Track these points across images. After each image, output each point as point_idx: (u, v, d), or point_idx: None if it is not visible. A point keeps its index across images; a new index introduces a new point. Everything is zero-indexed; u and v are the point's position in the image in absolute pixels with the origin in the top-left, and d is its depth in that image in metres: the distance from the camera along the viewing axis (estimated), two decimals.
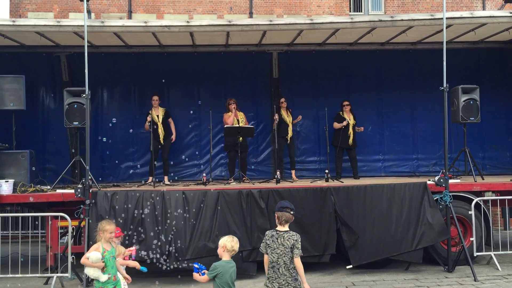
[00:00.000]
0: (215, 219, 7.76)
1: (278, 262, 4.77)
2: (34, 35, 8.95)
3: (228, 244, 4.84)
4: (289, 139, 10.13)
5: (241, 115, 9.95)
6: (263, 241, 4.94)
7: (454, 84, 9.22)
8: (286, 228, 4.92)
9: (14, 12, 17.65)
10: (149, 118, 9.54)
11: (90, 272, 5.22)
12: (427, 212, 7.98)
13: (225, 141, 10.07)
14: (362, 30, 9.27)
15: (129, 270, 5.77)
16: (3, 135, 9.25)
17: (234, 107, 9.83)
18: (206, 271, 4.76)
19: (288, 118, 10.13)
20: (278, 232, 4.88)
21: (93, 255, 5.21)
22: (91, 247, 5.41)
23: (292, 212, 4.96)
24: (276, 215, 4.96)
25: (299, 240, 4.87)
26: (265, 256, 4.91)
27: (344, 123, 10.05)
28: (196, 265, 4.87)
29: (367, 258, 7.84)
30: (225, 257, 4.84)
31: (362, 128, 10.31)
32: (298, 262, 4.77)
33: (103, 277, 5.17)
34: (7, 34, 8.92)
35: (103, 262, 5.18)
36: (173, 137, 10.01)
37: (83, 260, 5.25)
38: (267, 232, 4.97)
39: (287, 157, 10.41)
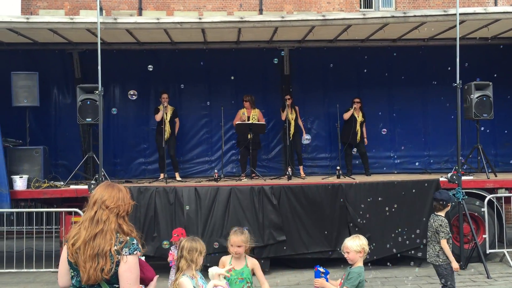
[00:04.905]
0: (227, 215, 7.80)
1: (429, 238, 5.80)
2: (47, 32, 9.01)
3: (366, 246, 4.23)
4: (291, 136, 10.00)
5: (254, 112, 9.91)
6: None
7: (467, 80, 9.16)
8: (440, 213, 5.79)
9: (26, 10, 17.78)
10: (160, 114, 9.57)
11: None
12: None
13: (237, 138, 10.10)
14: (374, 26, 9.22)
15: None
16: (17, 132, 9.34)
17: (246, 105, 9.86)
18: (328, 276, 4.14)
19: (291, 116, 10.06)
20: (433, 215, 5.87)
21: (210, 271, 4.02)
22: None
23: (448, 205, 5.83)
24: (434, 203, 5.90)
25: (444, 225, 5.66)
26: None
27: (349, 112, 9.98)
28: (321, 269, 4.13)
29: (377, 255, 7.83)
30: (361, 262, 4.24)
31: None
32: (443, 244, 5.60)
33: None
34: (20, 31, 8.98)
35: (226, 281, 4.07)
36: (176, 131, 9.89)
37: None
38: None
39: (294, 154, 10.39)
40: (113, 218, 2.82)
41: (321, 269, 4.12)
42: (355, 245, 4.22)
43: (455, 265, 5.62)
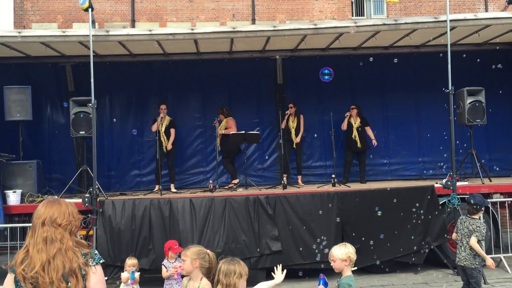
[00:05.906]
0: (223, 226, 7.77)
1: (462, 241, 5.79)
2: (40, 45, 9.00)
3: (353, 255, 4.13)
4: (295, 145, 10.13)
5: (224, 122, 9.95)
6: (456, 223, 6.10)
7: (459, 86, 9.20)
8: (475, 216, 5.82)
9: (18, 24, 17.77)
10: (155, 124, 9.56)
11: None
12: (432, 215, 7.99)
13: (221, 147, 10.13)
14: (366, 34, 9.26)
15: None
16: (11, 146, 9.31)
17: (222, 118, 9.98)
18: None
19: (292, 124, 10.11)
20: (467, 217, 5.87)
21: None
22: None
23: (482, 208, 5.93)
24: (467, 207, 5.94)
25: (482, 228, 5.71)
26: (454, 234, 6.05)
27: (345, 121, 10.08)
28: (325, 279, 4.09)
29: (370, 260, 7.81)
30: (348, 271, 4.13)
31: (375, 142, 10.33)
32: (473, 243, 5.63)
33: None
34: (13, 46, 8.96)
35: None
36: (169, 145, 9.68)
37: None
38: (461, 216, 6.07)
39: (293, 163, 10.39)
40: (67, 235, 2.62)
41: (326, 280, 4.09)
42: (341, 253, 4.12)
43: (489, 261, 5.67)
